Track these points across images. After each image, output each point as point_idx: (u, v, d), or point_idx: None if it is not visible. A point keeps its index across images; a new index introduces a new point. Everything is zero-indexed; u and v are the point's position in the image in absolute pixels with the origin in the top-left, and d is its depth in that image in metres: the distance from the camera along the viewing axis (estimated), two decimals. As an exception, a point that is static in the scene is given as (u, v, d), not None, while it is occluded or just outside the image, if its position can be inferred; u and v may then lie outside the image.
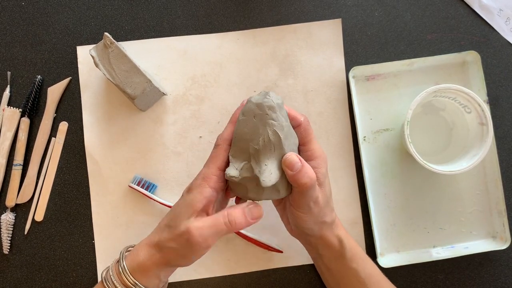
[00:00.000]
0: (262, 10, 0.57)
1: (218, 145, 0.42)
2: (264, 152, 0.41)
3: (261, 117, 0.41)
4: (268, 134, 0.40)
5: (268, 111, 0.41)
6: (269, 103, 0.41)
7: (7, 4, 0.57)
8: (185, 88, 0.57)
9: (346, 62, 0.57)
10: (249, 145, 0.41)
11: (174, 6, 0.57)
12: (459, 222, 0.56)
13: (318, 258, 0.49)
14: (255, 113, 0.41)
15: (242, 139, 0.41)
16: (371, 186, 0.55)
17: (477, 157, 0.50)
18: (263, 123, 0.41)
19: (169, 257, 0.41)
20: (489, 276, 0.56)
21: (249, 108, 0.41)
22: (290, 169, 0.40)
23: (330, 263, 0.47)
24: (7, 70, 0.56)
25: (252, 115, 0.41)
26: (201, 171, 0.42)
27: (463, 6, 0.58)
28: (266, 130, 0.40)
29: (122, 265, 0.42)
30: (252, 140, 0.41)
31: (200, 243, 0.40)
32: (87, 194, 0.56)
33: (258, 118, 0.41)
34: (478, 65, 0.55)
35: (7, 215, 0.54)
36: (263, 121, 0.41)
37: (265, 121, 0.40)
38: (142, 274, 0.42)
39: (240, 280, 0.55)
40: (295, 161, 0.40)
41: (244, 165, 0.41)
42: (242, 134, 0.41)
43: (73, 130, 0.56)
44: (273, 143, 0.40)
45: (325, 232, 0.45)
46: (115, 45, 0.51)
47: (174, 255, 0.41)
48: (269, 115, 0.41)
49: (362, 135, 0.56)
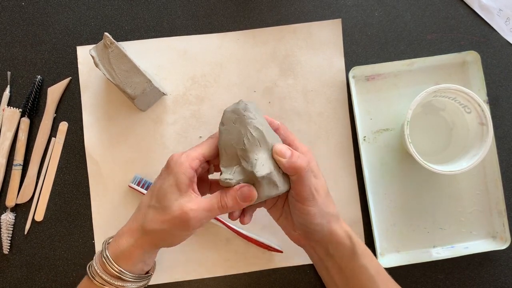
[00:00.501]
0: (262, 10, 0.57)
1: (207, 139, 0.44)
2: (251, 149, 0.42)
3: (240, 120, 0.42)
4: (250, 131, 0.42)
5: (245, 112, 0.42)
6: (243, 107, 0.43)
7: (7, 4, 0.57)
8: (185, 88, 0.57)
9: (346, 62, 0.57)
10: (234, 149, 0.42)
11: (174, 6, 0.57)
12: (459, 222, 0.56)
13: (328, 260, 0.47)
14: (232, 119, 0.43)
15: (228, 146, 0.42)
16: (371, 186, 0.55)
17: (477, 157, 0.50)
18: (243, 124, 0.42)
19: (158, 238, 0.42)
20: (489, 276, 0.56)
21: (227, 117, 0.43)
22: (282, 156, 0.41)
23: (342, 262, 0.46)
24: (7, 70, 0.56)
25: (231, 121, 0.43)
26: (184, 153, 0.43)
27: (463, 6, 0.58)
28: (247, 128, 0.42)
29: (105, 255, 0.42)
30: (237, 143, 0.42)
31: (195, 224, 0.41)
32: (87, 194, 0.56)
33: (238, 122, 0.42)
34: (478, 65, 0.55)
35: (7, 215, 0.54)
36: (243, 123, 0.42)
37: (244, 121, 0.42)
38: (126, 261, 0.42)
39: (240, 280, 0.55)
40: (284, 148, 0.41)
41: (236, 168, 0.42)
42: (227, 142, 0.42)
43: (73, 130, 0.56)
44: (257, 138, 0.42)
45: (333, 226, 0.45)
46: (115, 45, 0.51)
47: (165, 235, 0.42)
48: (246, 115, 0.42)
49: (362, 135, 0.56)
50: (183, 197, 0.41)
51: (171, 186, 0.41)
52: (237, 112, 0.43)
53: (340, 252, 0.46)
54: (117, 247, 0.43)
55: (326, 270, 0.49)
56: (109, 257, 0.42)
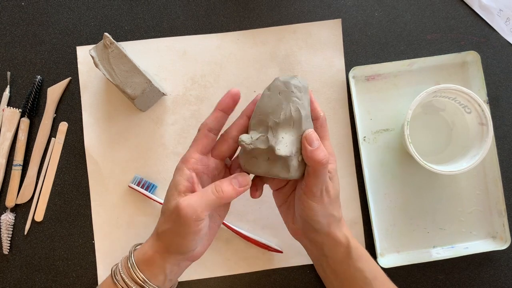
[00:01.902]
0: (262, 10, 0.57)
1: (199, 130, 0.43)
2: (283, 126, 0.41)
3: (286, 94, 0.41)
4: (291, 109, 0.41)
5: (294, 89, 0.41)
6: (296, 83, 0.42)
7: (7, 4, 0.57)
8: (185, 88, 0.57)
9: (346, 62, 0.57)
10: (268, 117, 0.41)
11: (174, 6, 0.57)
12: (459, 222, 0.56)
13: (323, 260, 0.48)
14: (280, 89, 0.42)
15: (263, 112, 0.42)
16: (371, 186, 0.55)
17: (477, 157, 0.50)
18: (288, 100, 0.41)
19: (166, 240, 0.42)
20: (489, 276, 0.56)
21: (276, 85, 0.42)
22: (309, 143, 0.41)
23: (336, 265, 0.47)
24: (7, 70, 0.56)
25: (278, 91, 0.42)
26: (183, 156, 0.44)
27: (463, 6, 0.58)
28: (289, 106, 0.41)
29: (131, 261, 0.43)
30: (273, 113, 0.41)
31: (189, 213, 0.40)
32: (87, 194, 0.56)
33: (283, 94, 0.41)
34: (478, 65, 0.55)
35: (7, 215, 0.54)
36: (288, 98, 0.41)
37: (289, 98, 0.41)
38: (147, 267, 0.42)
39: (240, 280, 0.55)
40: (316, 137, 0.41)
41: (260, 136, 0.41)
42: (265, 108, 0.42)
43: (73, 130, 0.56)
44: (294, 119, 0.41)
45: (332, 229, 0.45)
46: (115, 45, 0.51)
47: (170, 236, 0.42)
48: (294, 93, 0.41)
49: (362, 135, 0.56)
50: (180, 196, 0.41)
51: (171, 189, 0.42)
52: (287, 85, 0.41)
53: (334, 254, 0.46)
54: (141, 251, 0.43)
55: (322, 269, 0.49)
56: (134, 263, 0.43)
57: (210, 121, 0.43)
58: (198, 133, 0.44)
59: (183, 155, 0.43)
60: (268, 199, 0.55)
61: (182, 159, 0.43)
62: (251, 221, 0.55)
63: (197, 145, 0.43)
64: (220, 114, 0.43)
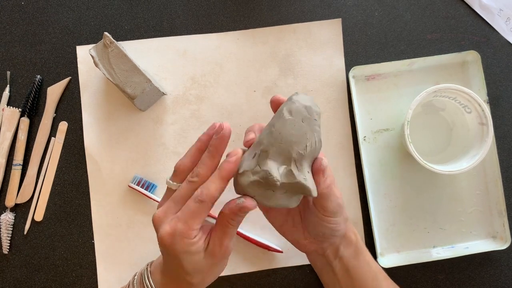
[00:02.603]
0: (262, 10, 0.57)
1: (203, 202, 0.37)
2: (306, 159, 0.38)
3: (309, 122, 0.38)
4: (315, 141, 0.38)
5: (316, 116, 0.38)
6: (317, 109, 0.38)
7: (7, 4, 0.57)
8: (185, 88, 0.56)
9: (346, 62, 0.57)
10: (291, 147, 0.37)
11: (174, 6, 0.57)
12: (459, 222, 0.56)
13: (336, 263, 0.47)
14: (303, 115, 0.38)
15: (286, 140, 0.37)
16: (371, 186, 0.55)
17: (477, 157, 0.50)
18: (311, 129, 0.38)
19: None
20: (489, 276, 0.56)
21: (298, 109, 0.38)
22: (323, 174, 0.39)
23: (349, 262, 0.46)
24: (6, 70, 0.56)
25: (301, 117, 0.38)
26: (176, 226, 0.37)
27: (463, 6, 0.58)
28: (314, 136, 0.38)
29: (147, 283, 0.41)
30: (298, 143, 0.37)
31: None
32: (87, 194, 0.56)
33: (307, 122, 0.38)
34: (478, 65, 0.55)
35: (7, 215, 0.54)
36: (312, 127, 0.38)
37: (313, 127, 0.38)
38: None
39: (240, 280, 0.55)
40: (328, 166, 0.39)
41: (284, 169, 0.37)
42: (288, 135, 0.37)
43: (72, 130, 0.56)
44: (317, 151, 0.39)
45: (347, 229, 0.45)
46: (115, 44, 0.51)
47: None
48: (317, 121, 0.38)
49: (362, 135, 0.56)
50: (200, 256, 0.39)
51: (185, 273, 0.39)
52: (309, 111, 0.38)
53: (348, 252, 0.46)
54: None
55: (332, 274, 0.47)
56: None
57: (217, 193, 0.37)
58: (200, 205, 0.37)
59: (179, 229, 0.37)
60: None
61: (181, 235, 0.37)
62: (251, 221, 0.55)
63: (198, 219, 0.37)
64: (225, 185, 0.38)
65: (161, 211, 0.39)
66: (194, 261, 0.38)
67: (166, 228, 0.37)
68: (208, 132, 0.39)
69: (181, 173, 0.39)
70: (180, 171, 0.39)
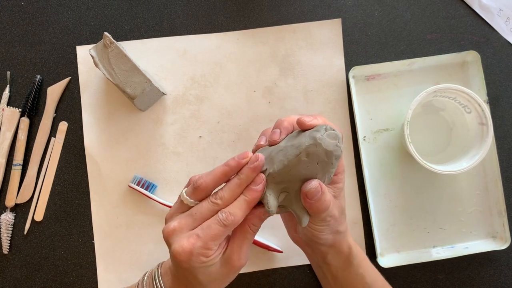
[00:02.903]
0: (262, 10, 0.57)
1: (227, 226, 0.37)
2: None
3: (324, 165, 0.38)
4: (325, 180, 0.39)
5: (334, 161, 0.38)
6: (338, 153, 0.38)
7: (7, 4, 0.57)
8: (185, 88, 0.56)
9: (346, 62, 0.57)
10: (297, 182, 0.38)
11: (174, 6, 0.57)
12: (459, 222, 0.56)
13: (324, 267, 0.47)
14: (320, 159, 0.38)
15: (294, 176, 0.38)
16: (371, 186, 0.55)
17: (477, 157, 0.50)
18: (324, 170, 0.38)
19: None
20: (489, 276, 0.56)
21: (317, 153, 0.37)
22: (310, 198, 0.38)
23: (338, 272, 0.46)
24: (6, 70, 0.56)
25: (317, 160, 0.38)
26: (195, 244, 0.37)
27: (463, 6, 0.58)
28: (325, 177, 0.39)
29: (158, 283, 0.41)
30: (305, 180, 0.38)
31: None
32: (87, 194, 0.56)
33: (322, 164, 0.38)
34: (478, 65, 0.55)
35: (7, 215, 0.54)
36: (325, 169, 0.38)
37: (327, 169, 0.38)
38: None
39: (240, 280, 0.55)
40: (317, 190, 0.38)
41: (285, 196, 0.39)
42: (297, 174, 0.38)
43: (72, 130, 0.56)
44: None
45: (337, 241, 0.44)
46: (115, 44, 0.51)
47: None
48: (333, 164, 0.38)
49: (362, 135, 0.56)
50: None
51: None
52: (329, 156, 0.37)
53: (336, 262, 0.46)
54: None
55: (323, 274, 0.49)
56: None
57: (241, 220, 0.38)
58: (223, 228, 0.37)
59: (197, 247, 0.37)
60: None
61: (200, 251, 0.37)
62: (251, 221, 0.55)
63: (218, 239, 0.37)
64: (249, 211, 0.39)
65: (176, 224, 0.38)
66: (208, 273, 0.38)
67: (183, 243, 0.37)
68: (239, 159, 0.39)
69: (201, 192, 0.39)
70: (200, 190, 0.39)
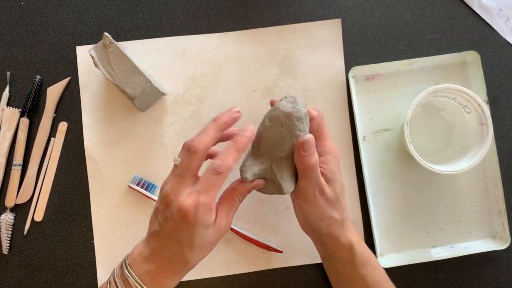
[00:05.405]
0: (262, 10, 0.57)
1: (221, 173, 0.39)
2: (286, 159, 0.42)
3: (288, 127, 0.41)
4: (294, 143, 0.41)
5: (296, 122, 0.41)
6: (298, 114, 0.41)
7: (7, 4, 0.57)
8: (185, 88, 0.56)
9: (346, 62, 0.57)
10: (271, 149, 0.42)
11: (174, 6, 0.57)
12: (459, 222, 0.56)
13: (327, 258, 0.48)
14: (282, 122, 0.41)
15: (266, 144, 0.42)
16: (371, 186, 0.55)
17: (477, 157, 0.50)
18: (290, 133, 0.41)
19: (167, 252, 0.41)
20: (489, 276, 0.56)
21: (277, 116, 0.41)
22: (305, 150, 0.40)
23: (339, 266, 0.47)
24: (6, 70, 0.56)
25: (280, 123, 0.41)
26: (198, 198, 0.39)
27: (463, 6, 0.58)
28: (292, 140, 0.41)
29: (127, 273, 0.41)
30: (276, 146, 0.41)
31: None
32: (87, 194, 0.55)
33: (286, 127, 0.41)
34: (478, 65, 0.55)
35: (7, 215, 0.54)
36: (290, 131, 0.41)
37: (292, 131, 0.41)
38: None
39: (240, 280, 0.55)
40: (312, 143, 0.41)
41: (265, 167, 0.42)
42: (267, 140, 0.42)
43: (72, 130, 0.56)
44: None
45: (334, 231, 0.44)
46: (115, 45, 0.51)
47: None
48: (297, 126, 0.41)
49: (362, 135, 0.56)
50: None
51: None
52: (289, 117, 0.41)
53: (337, 257, 0.46)
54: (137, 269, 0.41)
55: (327, 266, 0.50)
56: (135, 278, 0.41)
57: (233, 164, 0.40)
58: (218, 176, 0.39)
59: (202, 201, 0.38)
60: (268, 199, 0.55)
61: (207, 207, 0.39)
62: (251, 221, 0.55)
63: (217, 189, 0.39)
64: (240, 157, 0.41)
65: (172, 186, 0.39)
66: (205, 234, 0.39)
67: (187, 201, 0.38)
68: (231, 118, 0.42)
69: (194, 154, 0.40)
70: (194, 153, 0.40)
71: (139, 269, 0.41)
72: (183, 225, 0.39)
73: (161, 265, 0.40)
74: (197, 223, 0.38)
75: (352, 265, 0.46)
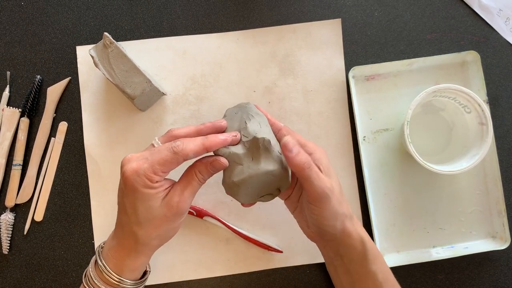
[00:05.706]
0: (262, 10, 0.57)
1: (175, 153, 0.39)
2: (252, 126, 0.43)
3: (241, 110, 0.46)
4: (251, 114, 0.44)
5: (247, 105, 0.46)
6: (244, 103, 0.47)
7: (7, 4, 0.57)
8: (185, 88, 0.56)
9: (346, 62, 0.57)
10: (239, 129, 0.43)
11: (174, 6, 0.57)
12: (459, 222, 0.56)
13: (337, 261, 0.46)
14: (234, 110, 0.46)
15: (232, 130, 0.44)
16: (371, 186, 0.55)
17: (477, 157, 0.50)
18: (245, 112, 0.45)
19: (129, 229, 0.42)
20: (489, 276, 0.56)
21: (230, 111, 0.46)
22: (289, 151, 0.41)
23: (351, 265, 0.45)
24: (6, 70, 0.56)
25: (233, 112, 0.46)
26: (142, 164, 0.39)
27: (463, 6, 0.58)
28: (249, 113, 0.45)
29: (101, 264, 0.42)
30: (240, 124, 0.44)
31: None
32: (87, 194, 0.56)
33: (240, 111, 0.45)
34: (478, 65, 0.55)
35: (7, 215, 0.54)
36: (244, 111, 0.45)
37: (246, 112, 0.45)
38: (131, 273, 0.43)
39: (240, 280, 0.55)
40: (292, 143, 0.41)
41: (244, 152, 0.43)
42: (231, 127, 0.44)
43: (72, 130, 0.56)
44: (258, 121, 0.44)
45: (347, 228, 0.44)
46: (115, 45, 0.51)
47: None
48: (248, 107, 0.46)
49: (362, 135, 0.56)
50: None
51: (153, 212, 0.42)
52: (239, 106, 0.46)
53: (350, 255, 0.45)
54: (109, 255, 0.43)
55: (334, 269, 0.48)
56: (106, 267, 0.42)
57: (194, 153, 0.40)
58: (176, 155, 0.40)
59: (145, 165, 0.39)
60: (268, 199, 0.55)
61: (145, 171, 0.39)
62: (251, 221, 0.55)
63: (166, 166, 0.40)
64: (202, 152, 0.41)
65: (133, 155, 0.40)
66: (148, 207, 0.39)
67: (132, 165, 0.39)
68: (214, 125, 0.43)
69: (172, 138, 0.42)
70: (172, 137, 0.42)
71: (106, 246, 0.43)
72: (125, 190, 0.40)
73: (118, 241, 0.42)
74: (135, 189, 0.39)
75: (364, 261, 0.45)
